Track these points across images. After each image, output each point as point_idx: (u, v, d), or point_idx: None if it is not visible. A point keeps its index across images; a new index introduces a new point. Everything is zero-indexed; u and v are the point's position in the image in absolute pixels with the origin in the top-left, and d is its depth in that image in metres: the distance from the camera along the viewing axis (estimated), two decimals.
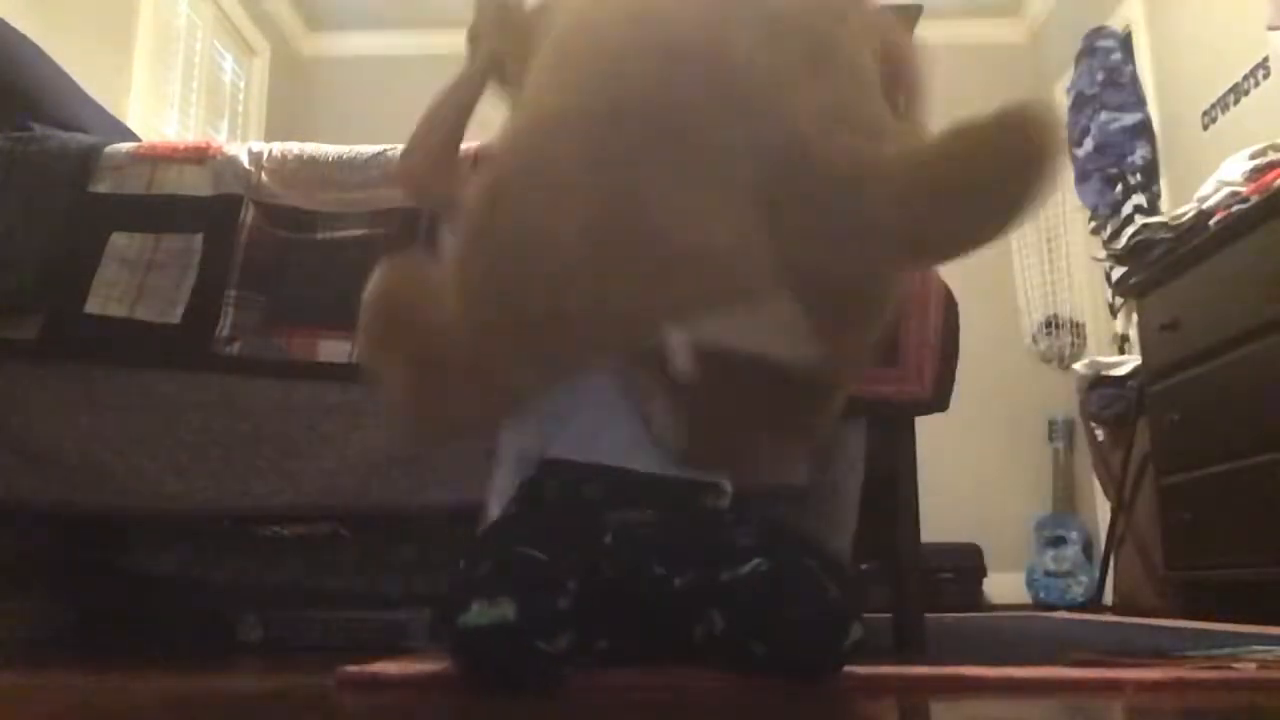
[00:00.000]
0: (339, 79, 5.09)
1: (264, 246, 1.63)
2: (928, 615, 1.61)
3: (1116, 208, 3.84)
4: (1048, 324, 4.33)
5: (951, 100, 4.66)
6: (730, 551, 1.11)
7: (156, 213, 1.66)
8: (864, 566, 1.94)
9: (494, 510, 1.24)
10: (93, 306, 1.60)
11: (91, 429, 1.57)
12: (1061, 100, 4.37)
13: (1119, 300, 3.79)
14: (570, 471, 1.23)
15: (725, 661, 1.08)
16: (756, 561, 1.08)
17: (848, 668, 1.09)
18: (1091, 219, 4.09)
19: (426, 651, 1.41)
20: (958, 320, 1.60)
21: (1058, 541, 4.19)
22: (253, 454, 1.55)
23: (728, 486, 1.28)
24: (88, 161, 1.68)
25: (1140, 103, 3.85)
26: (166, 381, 1.59)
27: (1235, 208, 2.53)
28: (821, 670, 1.04)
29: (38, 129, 1.77)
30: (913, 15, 1.84)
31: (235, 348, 1.59)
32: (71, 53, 2.43)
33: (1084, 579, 4.05)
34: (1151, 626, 2.17)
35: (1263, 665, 1.11)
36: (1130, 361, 3.31)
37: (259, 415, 1.57)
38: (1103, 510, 3.83)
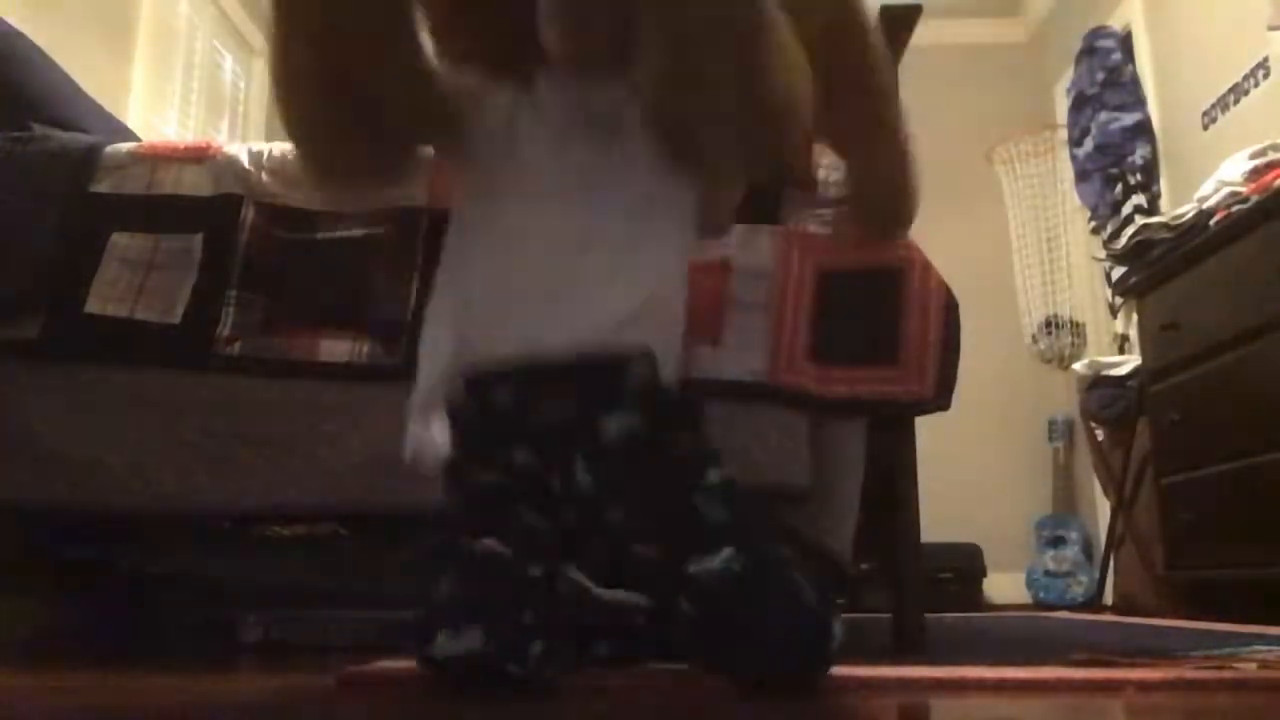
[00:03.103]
0: None
1: (264, 246, 1.63)
2: (928, 615, 1.61)
3: (1116, 208, 3.84)
4: (1048, 324, 4.34)
5: (952, 100, 4.70)
6: (697, 528, 1.03)
7: (156, 213, 1.66)
8: (864, 566, 1.94)
9: (409, 450, 1.19)
10: (93, 306, 1.60)
11: (91, 429, 1.57)
12: (1061, 100, 4.37)
13: (1119, 300, 3.80)
14: (481, 378, 1.11)
15: (701, 657, 1.05)
16: (728, 555, 1.00)
17: (847, 669, 1.09)
18: (1091, 219, 4.09)
19: None
20: (958, 320, 1.60)
21: (1058, 541, 4.20)
22: (253, 454, 1.55)
23: (666, 357, 1.13)
24: (88, 161, 1.68)
25: (1140, 103, 3.86)
26: (167, 381, 1.59)
27: (1235, 208, 2.53)
28: (803, 680, 1.01)
29: (38, 129, 1.77)
30: (912, 15, 1.84)
31: (235, 348, 1.58)
32: (71, 53, 2.43)
33: (1084, 579, 4.05)
34: (1151, 626, 2.17)
35: (1263, 665, 1.11)
36: (1130, 361, 3.31)
37: (259, 415, 1.56)
38: (1103, 510, 3.83)
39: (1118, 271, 3.45)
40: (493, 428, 1.10)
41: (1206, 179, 2.77)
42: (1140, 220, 3.28)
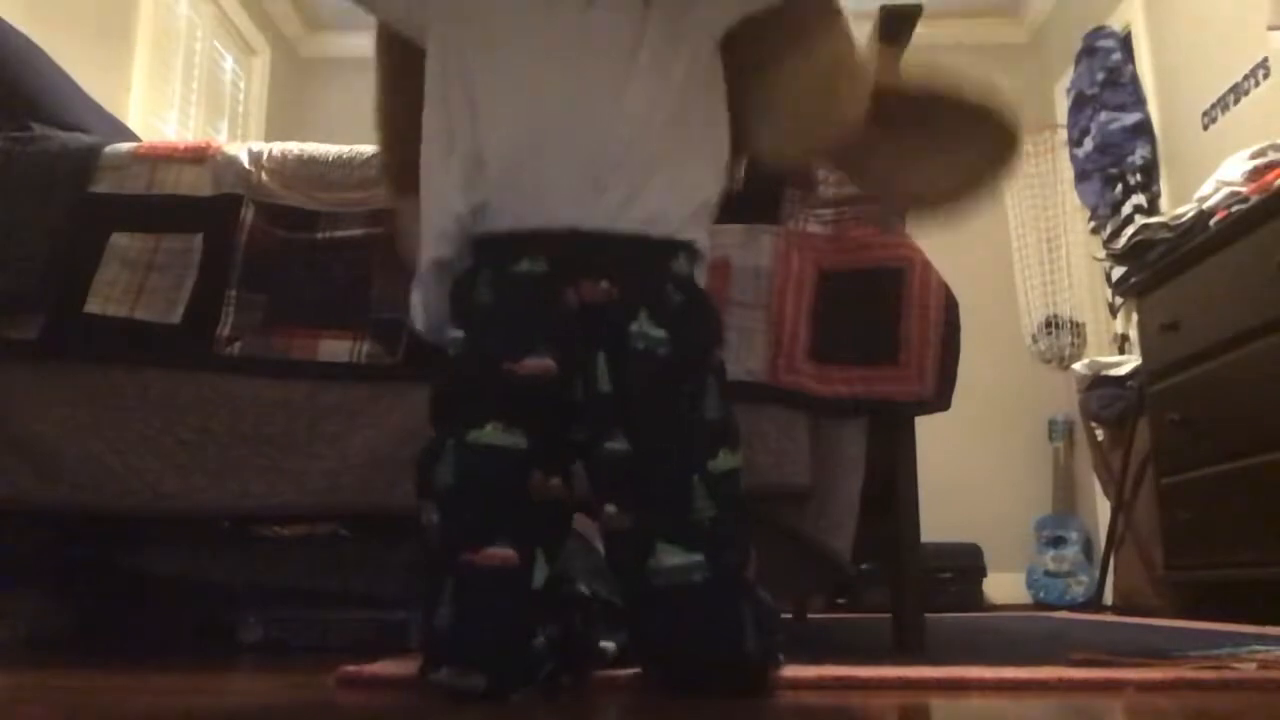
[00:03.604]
0: (339, 79, 5.09)
1: (264, 246, 1.63)
2: (928, 615, 1.61)
3: (1116, 208, 3.84)
4: (1048, 324, 4.34)
5: None
6: (682, 516, 0.98)
7: (156, 213, 1.66)
8: (864, 566, 1.94)
9: (417, 317, 1.11)
10: (93, 306, 1.60)
11: (91, 429, 1.57)
12: (1061, 100, 4.37)
13: (1119, 300, 3.80)
14: (504, 249, 1.03)
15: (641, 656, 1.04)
16: (696, 563, 0.96)
17: (847, 669, 1.09)
18: (1091, 219, 4.09)
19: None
20: (958, 319, 1.60)
21: (1058, 541, 4.20)
22: (253, 454, 1.55)
23: (702, 245, 1.09)
24: (88, 161, 1.68)
25: (1140, 103, 3.85)
26: (166, 381, 1.59)
27: (1235, 208, 2.53)
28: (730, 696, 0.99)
29: (38, 129, 1.77)
30: (913, 15, 1.84)
31: (235, 348, 1.58)
32: (71, 53, 2.43)
33: (1084, 579, 4.05)
34: (1151, 626, 2.17)
35: (1263, 665, 1.11)
36: (1130, 361, 3.31)
37: (259, 415, 1.56)
38: (1103, 510, 3.83)
39: (1118, 271, 3.45)
40: (514, 309, 1.01)
41: (1206, 179, 2.77)
42: (1140, 220, 3.28)
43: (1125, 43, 4.01)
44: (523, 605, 0.98)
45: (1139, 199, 3.75)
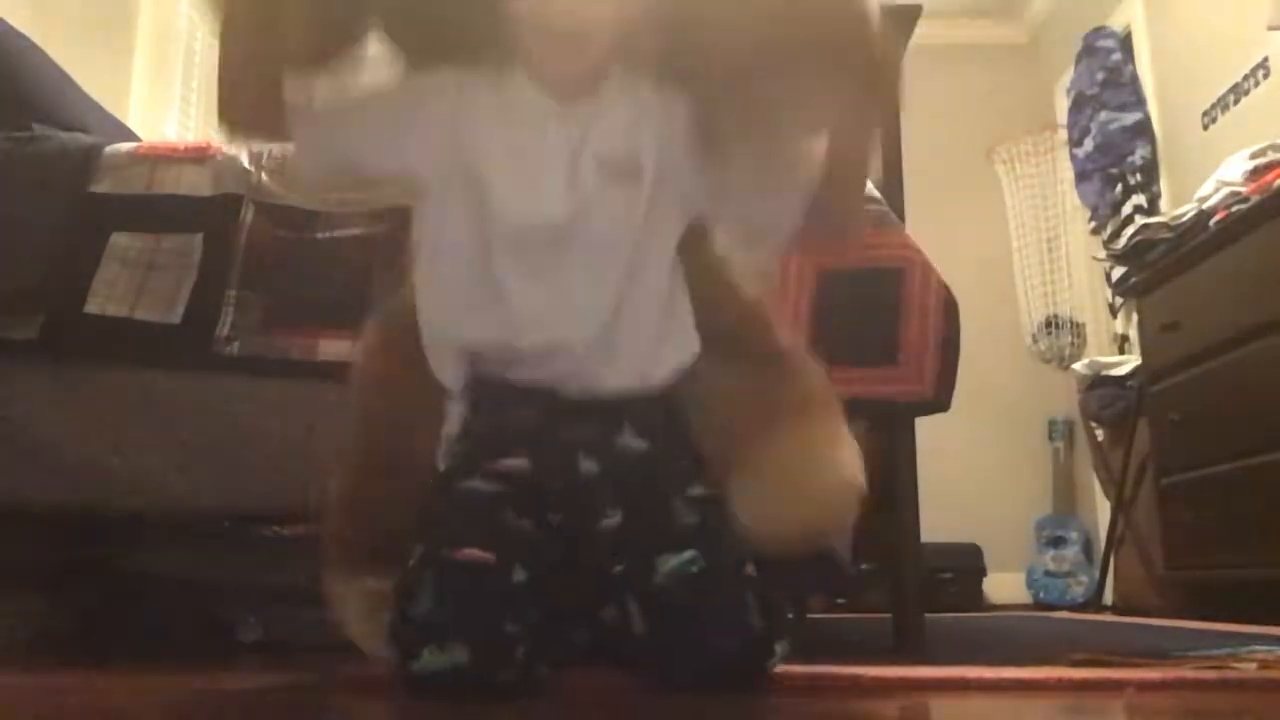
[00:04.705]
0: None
1: (264, 246, 1.63)
2: (928, 615, 1.61)
3: (1116, 208, 3.84)
4: (1048, 324, 4.34)
5: (952, 100, 4.70)
6: (668, 528, 1.03)
7: (156, 213, 1.66)
8: (864, 566, 1.94)
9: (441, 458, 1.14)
10: (93, 306, 1.60)
11: (91, 429, 1.57)
12: (1061, 100, 4.38)
13: (1119, 300, 3.80)
14: (496, 394, 1.10)
15: (638, 658, 1.04)
16: (690, 556, 1.00)
17: (847, 669, 1.09)
18: (1091, 219, 4.09)
19: None
20: (958, 320, 1.60)
21: (1058, 541, 4.20)
22: (253, 454, 1.55)
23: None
24: (88, 161, 1.68)
25: (1140, 103, 3.86)
26: (166, 381, 1.59)
27: (1235, 208, 2.54)
28: (736, 688, 1.00)
29: (38, 129, 1.77)
30: (912, 15, 1.84)
31: (235, 348, 1.59)
32: (71, 53, 2.43)
33: (1084, 579, 4.05)
34: (1151, 626, 2.17)
35: (1263, 665, 1.11)
36: (1130, 361, 3.32)
37: (259, 415, 1.57)
38: (1103, 510, 3.83)
39: (1118, 271, 3.45)
40: (502, 442, 1.08)
41: (1206, 179, 2.78)
42: (1140, 220, 3.28)
43: (1125, 43, 4.02)
44: (502, 593, 1.00)
45: (1139, 199, 3.76)
